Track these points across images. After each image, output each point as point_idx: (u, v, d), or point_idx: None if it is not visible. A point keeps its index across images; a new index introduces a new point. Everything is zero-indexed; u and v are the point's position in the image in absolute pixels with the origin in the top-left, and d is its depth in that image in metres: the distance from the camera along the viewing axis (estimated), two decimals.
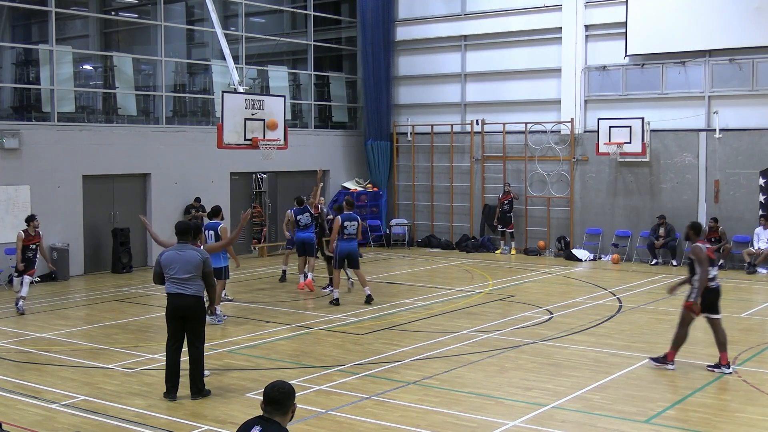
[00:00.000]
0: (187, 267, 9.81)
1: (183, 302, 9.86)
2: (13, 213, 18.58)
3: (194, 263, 9.83)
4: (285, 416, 4.89)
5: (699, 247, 11.04)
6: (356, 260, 16.11)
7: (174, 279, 9.85)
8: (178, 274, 9.82)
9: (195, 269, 9.83)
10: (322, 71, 27.24)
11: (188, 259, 9.84)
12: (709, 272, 10.97)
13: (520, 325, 14.12)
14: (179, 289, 9.85)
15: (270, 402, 4.88)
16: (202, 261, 9.86)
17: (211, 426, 8.94)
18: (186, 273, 9.81)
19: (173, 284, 9.88)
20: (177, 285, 9.86)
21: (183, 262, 9.83)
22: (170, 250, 10.04)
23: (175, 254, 9.90)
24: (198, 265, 9.83)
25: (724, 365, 11.07)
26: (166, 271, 9.88)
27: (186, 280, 9.83)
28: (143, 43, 24.71)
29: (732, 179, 21.16)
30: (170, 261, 9.87)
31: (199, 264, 9.84)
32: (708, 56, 21.45)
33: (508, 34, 24.57)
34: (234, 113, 16.25)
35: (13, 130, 18.57)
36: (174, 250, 9.97)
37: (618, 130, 21.96)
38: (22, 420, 9.10)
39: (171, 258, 9.88)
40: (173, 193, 21.62)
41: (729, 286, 18.55)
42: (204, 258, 9.92)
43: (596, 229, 23.01)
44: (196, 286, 9.90)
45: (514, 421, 9.05)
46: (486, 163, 24.97)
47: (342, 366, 11.37)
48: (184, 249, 9.93)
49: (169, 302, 9.97)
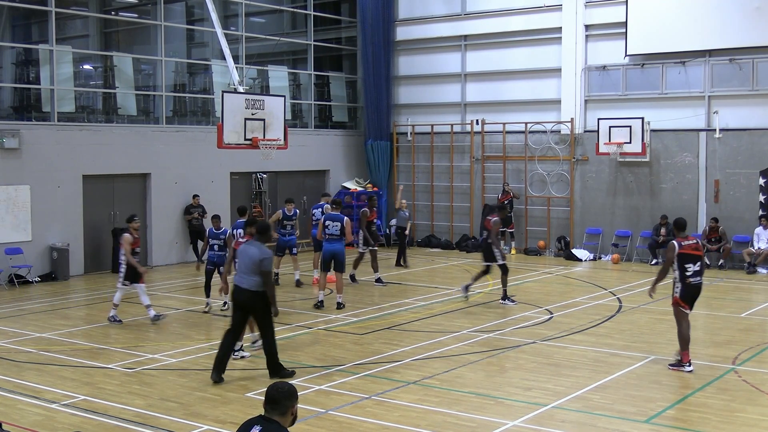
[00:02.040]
0: (247, 262, 10.44)
1: (241, 295, 10.53)
2: (13, 213, 18.58)
3: (253, 260, 10.39)
4: (284, 416, 4.90)
5: (672, 243, 11.21)
6: (341, 263, 15.38)
7: (238, 271, 10.62)
8: (240, 267, 10.56)
9: (253, 265, 10.39)
10: (322, 71, 27.24)
11: (250, 255, 10.45)
12: (688, 269, 11.06)
13: (520, 325, 14.12)
14: (238, 281, 10.59)
15: (268, 400, 4.94)
16: (259, 259, 10.38)
17: (211, 426, 8.93)
18: (246, 267, 10.44)
19: (236, 276, 10.68)
20: (238, 277, 10.60)
21: (245, 256, 10.48)
22: (243, 244, 10.99)
23: (244, 248, 10.67)
24: (255, 262, 10.38)
25: (685, 363, 11.17)
26: (237, 263, 10.70)
27: (245, 274, 10.47)
28: (143, 43, 24.71)
29: (732, 179, 21.16)
30: (238, 254, 10.72)
31: (256, 261, 10.38)
32: (708, 56, 21.45)
33: (508, 34, 24.57)
34: (234, 113, 16.24)
35: (13, 130, 18.57)
36: (245, 245, 10.80)
37: (618, 130, 21.96)
38: (22, 420, 9.11)
39: (240, 251, 10.72)
40: (173, 193, 21.62)
41: (729, 286, 18.60)
42: (263, 257, 10.39)
43: (596, 229, 23.01)
44: (253, 280, 10.41)
45: (514, 421, 9.06)
46: (486, 163, 24.97)
47: (342, 366, 11.37)
48: (251, 245, 10.65)
49: (233, 292, 10.72)
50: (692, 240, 11.34)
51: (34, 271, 18.79)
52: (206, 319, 14.60)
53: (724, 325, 14.29)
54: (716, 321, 14.74)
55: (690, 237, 11.45)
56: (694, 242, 11.30)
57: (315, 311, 15.30)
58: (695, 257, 11.15)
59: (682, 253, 11.09)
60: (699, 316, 15.48)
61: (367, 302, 16.18)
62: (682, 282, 11.11)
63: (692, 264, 11.09)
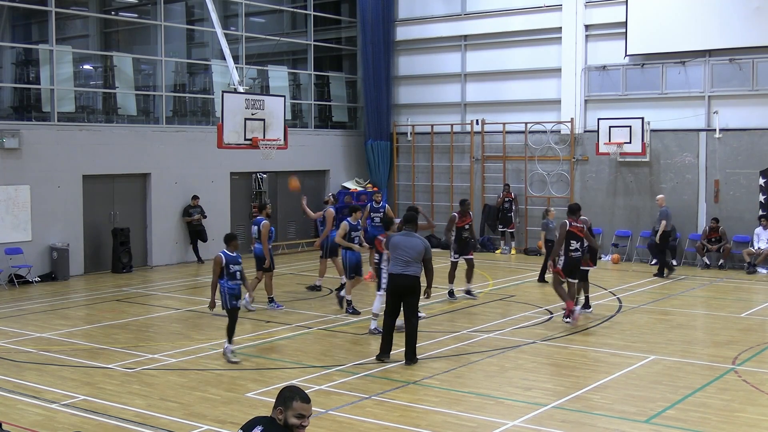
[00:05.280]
0: (410, 252, 11.30)
1: (404, 282, 11.28)
2: (13, 213, 18.58)
3: (417, 249, 11.36)
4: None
5: (564, 222, 13.94)
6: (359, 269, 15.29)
7: (398, 260, 11.34)
8: (402, 256, 11.31)
9: (417, 254, 11.34)
10: (322, 71, 27.24)
11: (413, 245, 11.36)
12: (572, 245, 13.77)
13: (520, 325, 14.12)
14: (402, 269, 11.29)
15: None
16: (424, 248, 11.41)
17: (211, 426, 8.93)
18: (409, 257, 11.28)
19: (397, 265, 11.36)
20: (400, 266, 11.30)
21: (408, 247, 11.35)
22: (398, 235, 11.73)
23: (402, 239, 11.51)
24: (420, 251, 11.37)
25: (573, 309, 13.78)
26: (393, 253, 11.44)
27: (408, 263, 11.29)
28: (143, 43, 24.70)
29: (732, 179, 21.16)
30: (397, 244, 11.45)
31: (421, 250, 11.38)
32: (708, 56, 21.44)
33: (508, 34, 24.57)
34: (234, 113, 16.24)
35: (13, 130, 18.57)
36: (401, 236, 11.61)
37: (618, 130, 21.96)
38: (22, 420, 9.11)
39: (398, 242, 11.49)
40: (173, 193, 21.62)
41: (729, 286, 18.60)
42: (426, 246, 11.48)
43: (596, 229, 22.86)
44: (416, 268, 11.36)
45: (514, 421, 9.06)
46: (486, 163, 24.97)
47: (342, 366, 11.38)
48: (410, 236, 11.55)
49: (391, 280, 11.47)
50: (580, 223, 13.93)
51: (34, 271, 18.78)
52: (206, 319, 14.59)
53: (724, 325, 14.29)
54: (716, 321, 14.74)
55: (579, 220, 13.97)
56: (581, 225, 13.91)
57: (315, 311, 15.30)
58: (578, 236, 13.83)
59: (569, 231, 13.75)
60: (699, 316, 15.52)
61: (367, 302, 16.16)
62: (565, 255, 13.81)
63: (575, 241, 13.81)
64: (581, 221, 14.09)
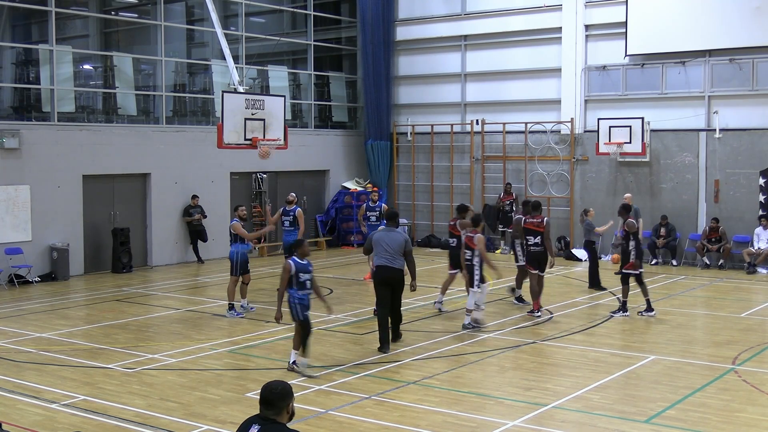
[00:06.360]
0: (392, 245, 12.07)
1: (392, 273, 12.10)
2: (13, 213, 18.58)
3: (398, 242, 12.12)
4: (279, 416, 4.93)
5: (518, 218, 15.22)
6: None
7: (383, 253, 12.07)
8: (386, 249, 12.06)
9: (399, 247, 12.08)
10: (322, 71, 27.24)
11: (394, 239, 12.15)
12: (530, 240, 14.61)
13: (520, 325, 14.13)
14: (388, 262, 12.08)
15: (263, 401, 4.97)
16: (404, 241, 12.18)
17: (211, 426, 8.94)
18: (392, 250, 12.04)
19: (383, 257, 12.09)
20: (387, 259, 12.07)
21: (390, 241, 12.13)
22: (380, 231, 12.67)
23: (384, 234, 12.29)
24: (401, 245, 12.11)
25: (535, 311, 14.56)
26: (377, 248, 12.14)
27: (393, 256, 12.05)
28: (143, 43, 24.70)
29: (732, 179, 21.16)
30: (379, 239, 12.20)
31: (402, 244, 12.12)
32: (708, 56, 21.44)
33: (508, 34, 24.57)
34: (234, 113, 16.24)
35: (13, 130, 18.57)
36: (383, 232, 12.46)
37: (618, 130, 21.95)
38: (22, 420, 9.11)
39: (380, 237, 12.25)
40: (173, 193, 21.62)
41: (729, 286, 18.60)
42: (406, 239, 12.27)
43: None
44: (400, 261, 12.13)
45: (514, 421, 9.06)
46: (486, 163, 24.97)
47: (342, 366, 11.38)
48: (391, 231, 12.37)
49: (379, 272, 12.17)
50: (537, 219, 14.58)
51: (34, 271, 18.78)
52: (206, 319, 14.60)
53: (724, 325, 14.29)
54: (716, 321, 14.74)
55: (537, 216, 14.62)
56: (538, 221, 14.55)
57: (314, 311, 15.24)
58: (535, 232, 14.53)
59: (525, 227, 14.67)
60: (699, 316, 15.52)
61: (367, 302, 16.16)
62: (527, 251, 14.72)
63: (532, 237, 14.61)
64: (540, 218, 14.72)
